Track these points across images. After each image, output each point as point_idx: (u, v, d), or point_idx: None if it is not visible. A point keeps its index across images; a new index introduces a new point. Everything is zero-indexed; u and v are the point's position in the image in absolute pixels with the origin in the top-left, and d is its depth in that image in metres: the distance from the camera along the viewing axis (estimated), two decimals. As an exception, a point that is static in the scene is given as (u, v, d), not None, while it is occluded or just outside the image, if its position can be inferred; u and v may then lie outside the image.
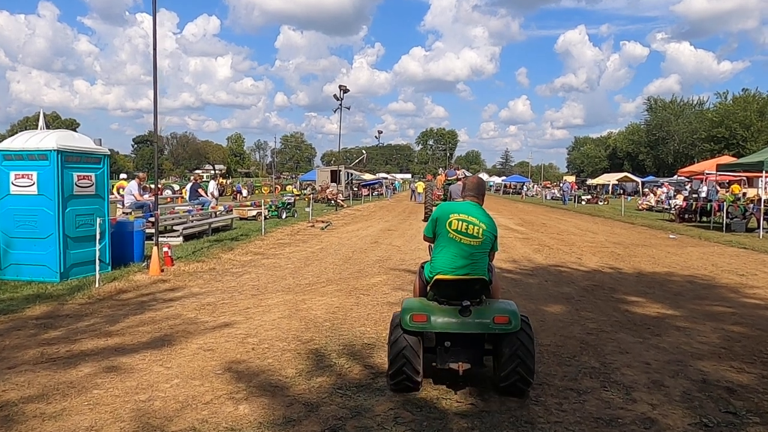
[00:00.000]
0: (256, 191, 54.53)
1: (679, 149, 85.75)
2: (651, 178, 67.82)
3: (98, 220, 8.46)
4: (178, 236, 13.85)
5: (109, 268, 9.54)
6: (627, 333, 5.99)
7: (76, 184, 8.85)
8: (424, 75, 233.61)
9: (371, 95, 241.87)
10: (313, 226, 19.34)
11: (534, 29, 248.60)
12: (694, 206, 21.36)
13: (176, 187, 47.00)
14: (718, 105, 77.87)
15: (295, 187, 55.04)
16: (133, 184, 14.42)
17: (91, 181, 9.15)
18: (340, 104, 29.15)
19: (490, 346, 4.35)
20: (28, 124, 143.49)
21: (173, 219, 15.75)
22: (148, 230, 13.87)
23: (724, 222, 18.92)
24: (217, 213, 20.72)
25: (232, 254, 11.75)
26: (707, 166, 20.99)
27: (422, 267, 4.75)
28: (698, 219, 22.15)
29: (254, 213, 21.51)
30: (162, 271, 9.49)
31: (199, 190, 18.41)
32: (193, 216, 17.11)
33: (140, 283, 8.58)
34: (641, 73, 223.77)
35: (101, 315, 6.67)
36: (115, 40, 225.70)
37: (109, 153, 9.68)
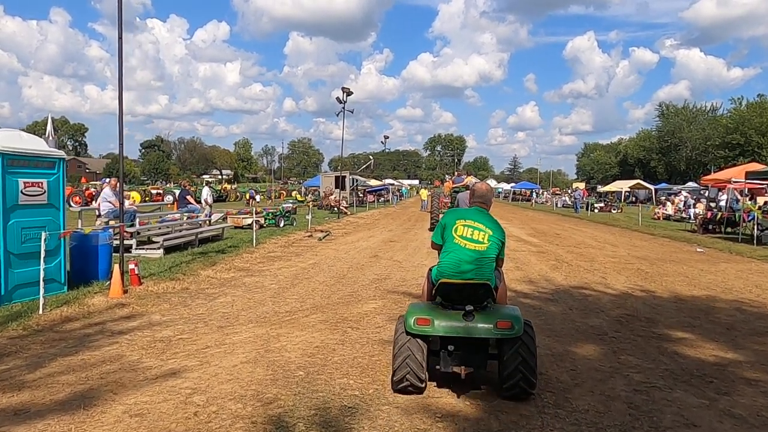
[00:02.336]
0: (263, 197, 53.34)
1: (692, 156, 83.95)
2: (664, 185, 66.21)
3: (44, 234, 7.19)
4: (158, 248, 12.60)
5: (65, 288, 8.29)
6: (685, 390, 4.64)
7: (22, 192, 7.60)
8: (432, 81, 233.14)
9: (379, 101, 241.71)
10: (310, 236, 18.07)
11: (542, 35, 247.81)
12: (719, 216, 19.90)
13: (177, 192, 45.87)
14: (733, 111, 75.93)
15: (299, 193, 53.88)
16: (107, 191, 13.14)
17: (41, 188, 7.91)
18: (343, 107, 27.93)
19: (495, 350, 4.34)
20: (37, 128, 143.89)
21: (159, 229, 14.56)
22: (127, 242, 12.76)
23: (755, 234, 17.50)
24: (211, 222, 19.53)
25: (213, 270, 10.49)
26: (734, 173, 19.55)
27: (430, 270, 4.75)
28: (723, 230, 20.71)
29: (249, 222, 20.27)
30: (125, 292, 8.24)
31: (188, 197, 17.13)
32: (180, 225, 15.89)
33: (94, 309, 7.31)
34: (650, 79, 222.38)
35: (27, 354, 5.41)
36: (126, 45, 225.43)
37: (65, 156, 8.45)
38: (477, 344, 4.24)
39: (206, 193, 21.00)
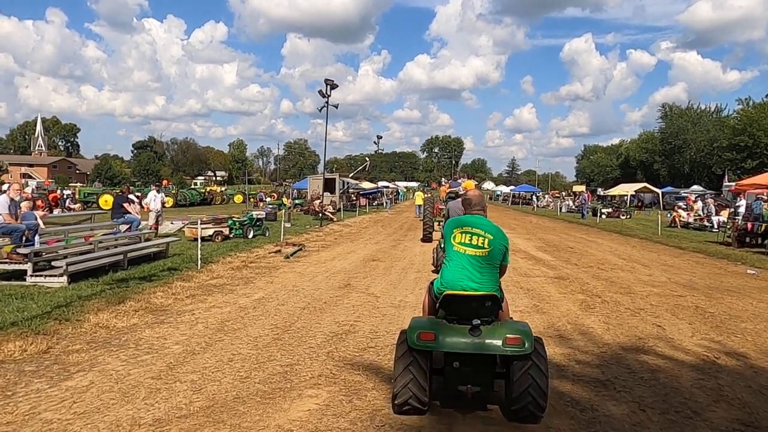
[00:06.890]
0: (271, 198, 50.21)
1: (696, 158, 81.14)
2: (669, 188, 63.64)
3: None
4: (61, 275, 9.56)
5: None
6: None
7: None
8: (430, 83, 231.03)
9: (377, 102, 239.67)
10: (279, 251, 15.08)
11: (539, 38, 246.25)
12: (762, 228, 16.94)
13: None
14: (741, 112, 73.07)
15: (288, 196, 50.73)
16: (2, 199, 10.01)
17: None
18: (326, 101, 24.91)
19: (502, 369, 4.12)
20: (27, 128, 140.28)
21: (92, 246, 11.58)
22: (21, 266, 9.79)
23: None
24: (159, 233, 16.56)
25: (114, 312, 7.47)
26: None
27: (432, 283, 4.56)
28: (761, 243, 17.75)
29: (211, 232, 17.26)
30: (-69, 364, 5.24)
31: (125, 205, 14.05)
32: (115, 240, 12.91)
33: None
34: (648, 82, 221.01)
35: None
36: (123, 46, 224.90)
37: None
38: (483, 362, 3.99)
39: (151, 197, 17.89)
